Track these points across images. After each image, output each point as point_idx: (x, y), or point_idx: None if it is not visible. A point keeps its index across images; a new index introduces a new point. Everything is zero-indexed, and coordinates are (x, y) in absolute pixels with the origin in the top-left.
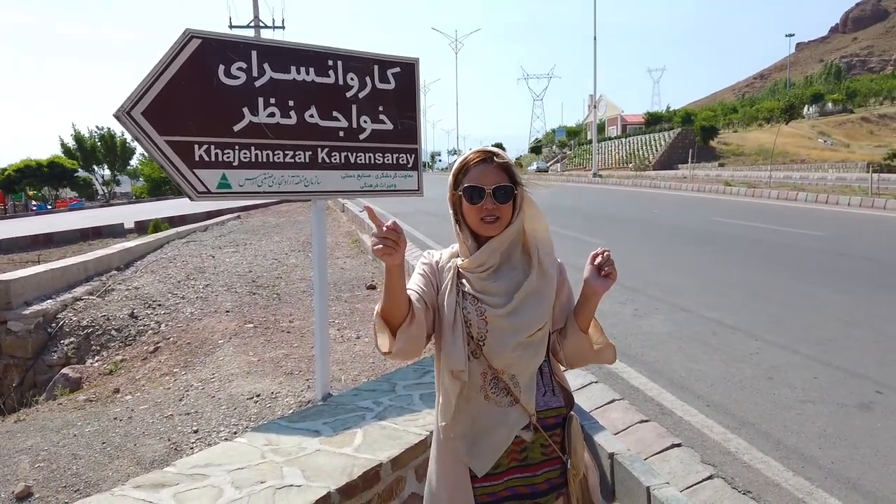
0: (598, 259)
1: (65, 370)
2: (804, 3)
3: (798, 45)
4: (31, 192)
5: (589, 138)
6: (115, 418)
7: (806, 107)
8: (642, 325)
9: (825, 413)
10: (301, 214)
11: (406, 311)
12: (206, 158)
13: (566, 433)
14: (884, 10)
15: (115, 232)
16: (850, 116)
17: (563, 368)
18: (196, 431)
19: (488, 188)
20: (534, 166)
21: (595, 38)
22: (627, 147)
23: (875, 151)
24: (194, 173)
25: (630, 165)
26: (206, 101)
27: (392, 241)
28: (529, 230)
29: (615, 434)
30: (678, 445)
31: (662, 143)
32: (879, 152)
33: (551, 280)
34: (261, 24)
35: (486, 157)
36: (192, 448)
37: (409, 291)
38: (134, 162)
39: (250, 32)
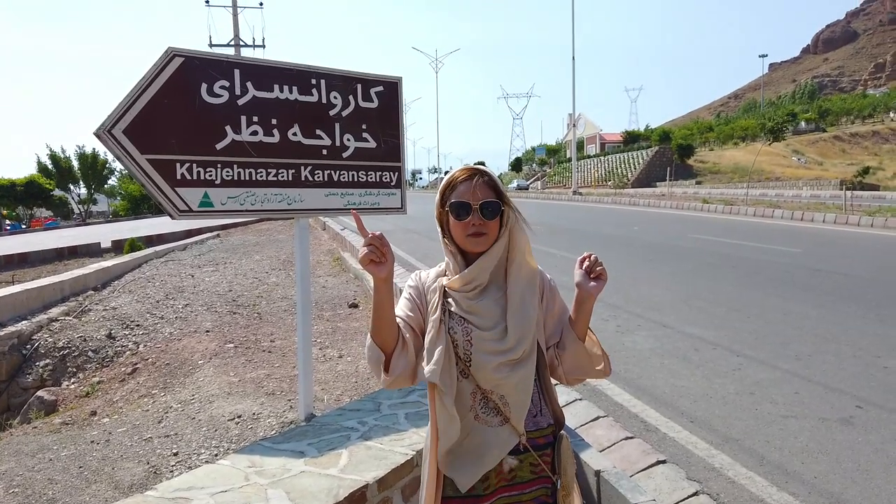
0: (587, 263)
1: (40, 392)
2: (777, 25)
3: (771, 65)
4: (4, 212)
5: (568, 156)
6: (93, 441)
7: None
8: (625, 341)
9: (807, 428)
10: (282, 233)
11: (396, 333)
12: (188, 177)
13: (556, 453)
14: (853, 32)
15: (92, 251)
16: (823, 135)
17: (554, 383)
18: (176, 454)
19: (475, 204)
20: (514, 184)
21: (573, 58)
22: (606, 165)
23: (847, 169)
24: (176, 192)
25: (609, 183)
26: (188, 119)
27: (376, 247)
28: (515, 250)
29: (600, 451)
30: (663, 462)
31: (641, 161)
32: (852, 170)
33: (534, 299)
34: (241, 43)
35: (473, 174)
36: (171, 471)
37: (396, 319)
38: (113, 180)
39: (230, 51)
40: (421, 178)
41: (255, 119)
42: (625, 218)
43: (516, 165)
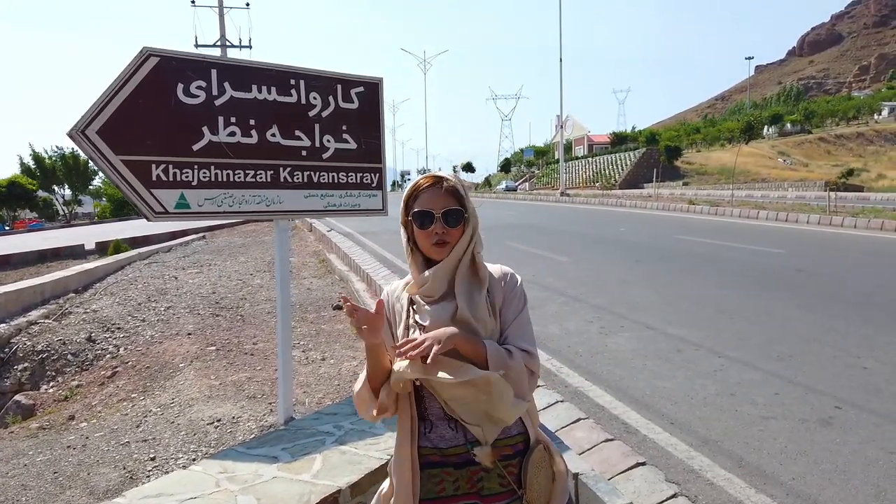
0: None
1: (17, 397)
2: (762, 27)
3: (757, 67)
4: None
5: (556, 158)
6: (69, 446)
7: (766, 127)
8: (608, 342)
9: (787, 429)
10: (267, 234)
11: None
12: (164, 178)
13: (523, 464)
14: (838, 35)
15: (76, 253)
16: (808, 137)
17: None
18: (153, 459)
19: (437, 212)
20: (503, 185)
21: (561, 60)
22: (594, 166)
23: (832, 171)
24: (151, 193)
25: (597, 184)
26: (164, 119)
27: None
28: (472, 254)
29: (580, 454)
30: (643, 464)
31: (628, 162)
32: (836, 171)
33: (482, 307)
34: (228, 44)
35: (436, 182)
36: (148, 476)
37: None
38: (97, 182)
39: (216, 52)
40: (409, 180)
41: (233, 120)
42: (611, 219)
43: (505, 167)
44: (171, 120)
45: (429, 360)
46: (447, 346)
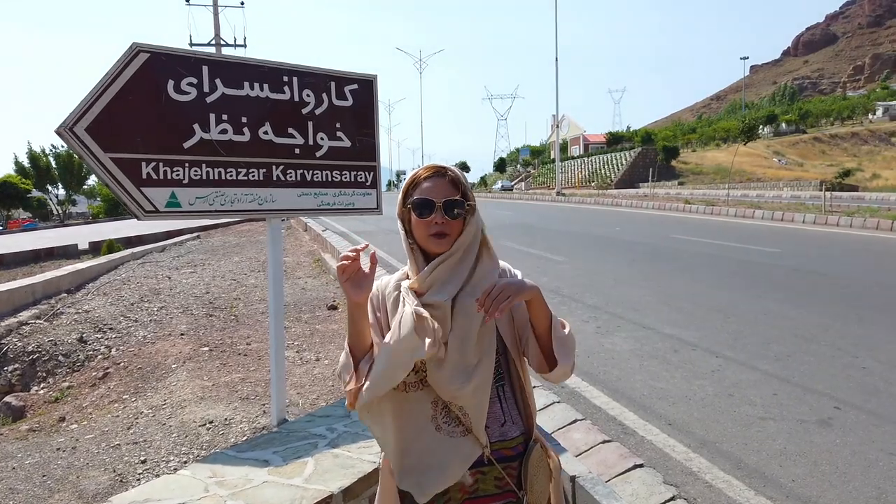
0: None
1: (7, 398)
2: (757, 27)
3: (752, 67)
4: None
5: (552, 157)
6: (59, 449)
7: (761, 127)
8: (604, 342)
9: (785, 430)
10: (262, 234)
11: (370, 345)
12: (154, 176)
13: (523, 466)
14: (833, 35)
15: (69, 253)
16: (803, 136)
17: (534, 385)
18: (144, 461)
19: (438, 201)
20: (498, 185)
21: (556, 60)
22: (590, 166)
23: (827, 170)
24: (141, 191)
25: (593, 184)
26: (154, 117)
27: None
28: (475, 248)
29: (577, 455)
30: (640, 466)
31: (624, 162)
32: (831, 171)
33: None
34: (222, 43)
35: (438, 172)
36: (139, 479)
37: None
38: (91, 181)
39: (211, 51)
40: (405, 179)
41: (225, 117)
42: (607, 218)
43: (500, 166)
44: (161, 117)
45: (497, 314)
46: (525, 297)
